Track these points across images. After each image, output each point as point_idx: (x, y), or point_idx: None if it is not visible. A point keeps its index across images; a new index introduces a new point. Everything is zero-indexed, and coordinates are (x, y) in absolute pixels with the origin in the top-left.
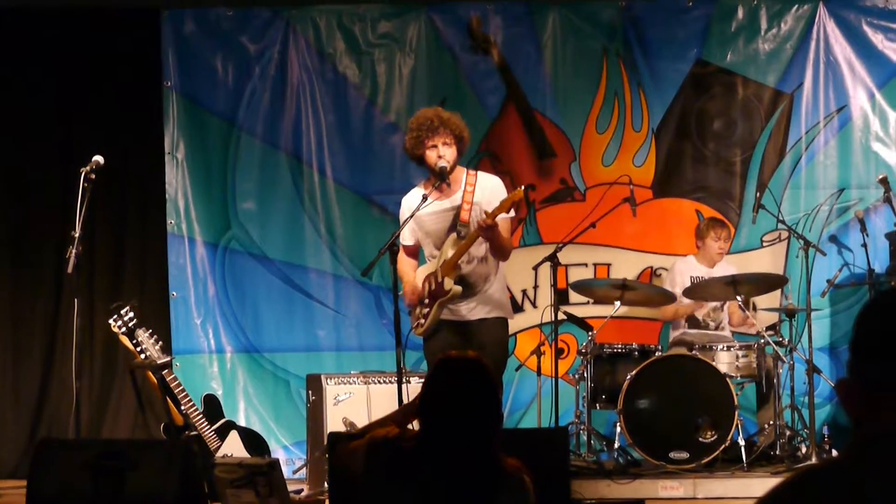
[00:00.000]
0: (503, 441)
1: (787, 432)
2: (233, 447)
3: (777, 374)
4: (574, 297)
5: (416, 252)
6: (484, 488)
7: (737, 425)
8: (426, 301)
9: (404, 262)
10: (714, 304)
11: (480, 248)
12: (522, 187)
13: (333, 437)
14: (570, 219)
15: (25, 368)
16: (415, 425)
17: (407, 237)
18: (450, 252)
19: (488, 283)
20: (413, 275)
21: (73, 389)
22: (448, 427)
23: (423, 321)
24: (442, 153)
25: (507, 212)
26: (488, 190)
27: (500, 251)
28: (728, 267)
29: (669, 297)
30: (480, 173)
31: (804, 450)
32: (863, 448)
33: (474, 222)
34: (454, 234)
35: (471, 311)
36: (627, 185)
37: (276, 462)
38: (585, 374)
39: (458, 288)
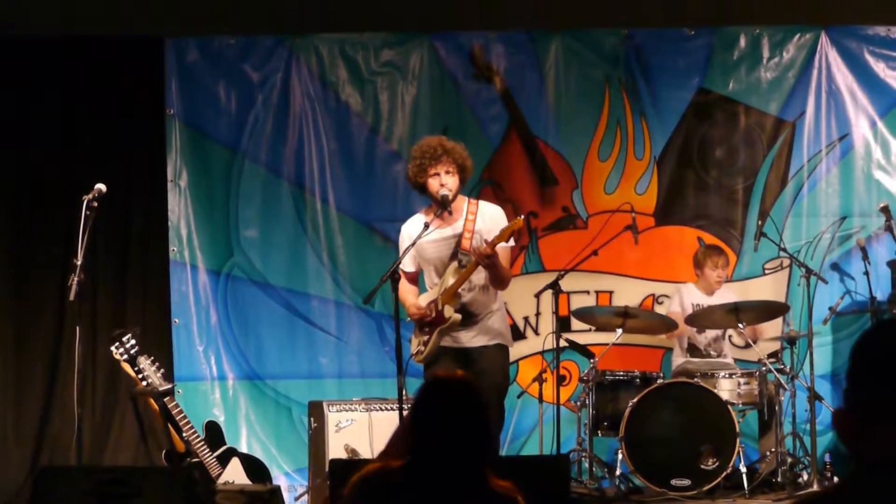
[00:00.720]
0: (503, 468)
1: (789, 459)
2: (234, 474)
3: (779, 402)
4: (576, 324)
5: (416, 278)
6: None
7: (738, 452)
8: (426, 329)
9: (405, 289)
10: (714, 333)
11: (481, 276)
12: (522, 217)
13: (335, 463)
14: (572, 246)
15: (27, 395)
16: None
17: (408, 264)
18: (450, 280)
19: (489, 312)
20: (414, 299)
21: (75, 416)
22: (437, 446)
23: (423, 348)
24: (444, 181)
25: (507, 241)
26: (489, 219)
27: (500, 280)
28: (729, 294)
29: (671, 325)
30: (482, 202)
31: (806, 477)
32: (862, 477)
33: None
34: (455, 263)
35: (471, 338)
36: (629, 213)
37: (278, 489)
38: (587, 402)
39: (458, 316)
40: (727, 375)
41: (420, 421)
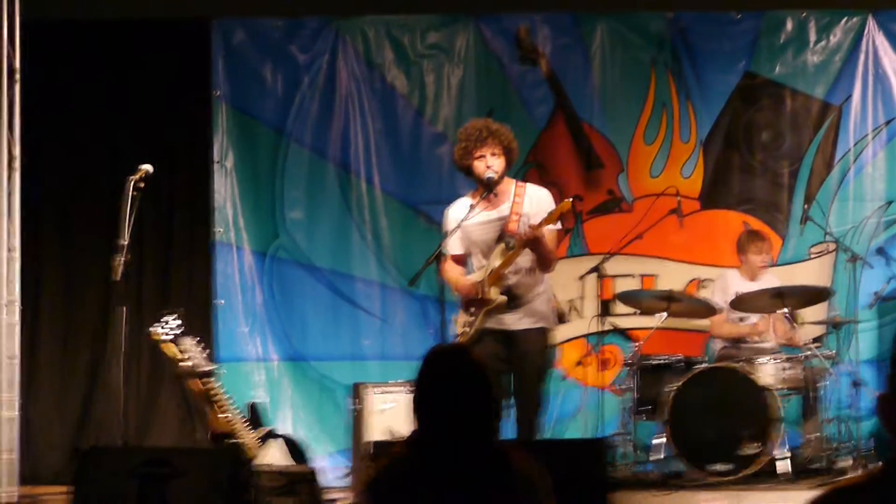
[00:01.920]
0: (544, 451)
1: (832, 445)
2: (276, 455)
3: (822, 387)
4: (620, 307)
5: (464, 261)
6: (493, 482)
7: (781, 437)
8: (472, 310)
9: (453, 269)
10: (757, 317)
11: (527, 259)
12: (570, 199)
13: (377, 446)
14: (616, 230)
15: (73, 375)
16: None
17: (456, 246)
18: (496, 262)
19: (534, 294)
20: (464, 278)
21: (120, 396)
22: (440, 418)
23: (468, 329)
24: (490, 164)
25: (554, 223)
26: (536, 201)
27: (545, 263)
28: (772, 279)
29: (715, 309)
30: (529, 185)
31: (849, 463)
32: None
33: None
34: (502, 245)
35: (516, 321)
36: (675, 197)
37: (319, 470)
38: (631, 385)
39: (503, 297)
40: (770, 360)
41: (420, 393)
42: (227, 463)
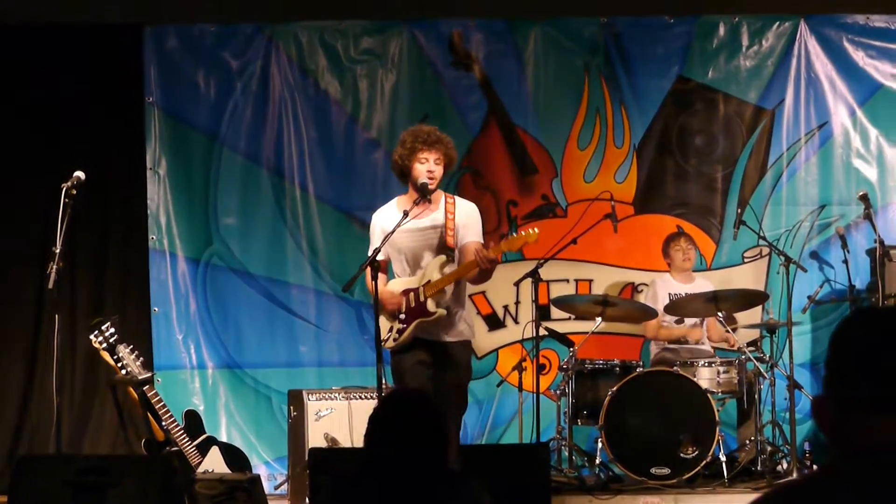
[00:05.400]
0: (483, 456)
1: (769, 448)
2: (214, 463)
3: (758, 390)
4: (556, 312)
5: (386, 268)
6: (436, 493)
7: (718, 441)
8: (402, 317)
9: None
10: (692, 321)
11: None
12: (536, 230)
13: (315, 452)
14: (551, 235)
15: (6, 384)
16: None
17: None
18: (436, 274)
19: (459, 307)
20: (383, 286)
21: (53, 405)
22: (394, 456)
23: (397, 336)
24: (431, 169)
25: (516, 251)
26: (465, 216)
27: (487, 278)
28: (706, 283)
29: (650, 313)
30: (457, 198)
31: (785, 465)
32: (839, 465)
33: (459, 246)
34: (442, 256)
35: (445, 333)
36: (609, 202)
37: (257, 477)
38: (567, 390)
39: (444, 311)
40: (706, 364)
41: (378, 430)
42: (163, 471)
